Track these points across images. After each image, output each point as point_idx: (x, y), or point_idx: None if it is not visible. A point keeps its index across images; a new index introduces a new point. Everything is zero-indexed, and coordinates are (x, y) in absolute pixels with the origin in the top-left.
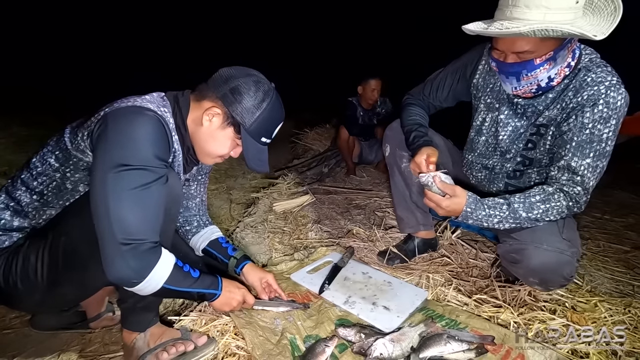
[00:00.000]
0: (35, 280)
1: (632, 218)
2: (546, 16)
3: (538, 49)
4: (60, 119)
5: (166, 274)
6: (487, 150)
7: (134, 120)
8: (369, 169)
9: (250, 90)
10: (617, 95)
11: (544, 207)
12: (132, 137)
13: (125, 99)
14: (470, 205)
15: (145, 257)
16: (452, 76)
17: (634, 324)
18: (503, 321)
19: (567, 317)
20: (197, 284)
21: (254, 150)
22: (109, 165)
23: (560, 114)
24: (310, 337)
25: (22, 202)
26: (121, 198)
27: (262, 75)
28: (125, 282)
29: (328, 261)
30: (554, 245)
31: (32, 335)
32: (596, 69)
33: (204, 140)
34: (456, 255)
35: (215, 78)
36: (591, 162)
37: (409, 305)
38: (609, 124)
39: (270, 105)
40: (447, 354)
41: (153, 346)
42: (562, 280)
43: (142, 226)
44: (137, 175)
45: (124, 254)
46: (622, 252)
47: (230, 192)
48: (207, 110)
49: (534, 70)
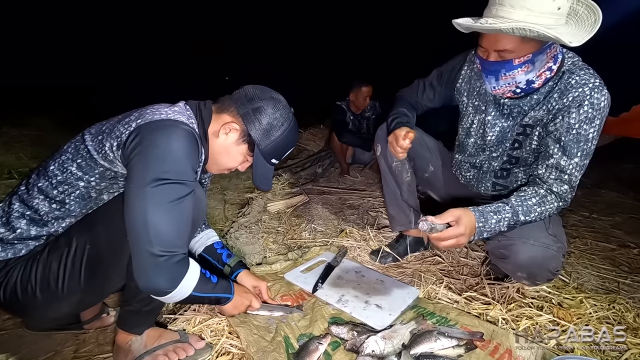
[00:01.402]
0: (56, 289)
1: (618, 217)
2: (527, 17)
3: (518, 50)
4: (53, 119)
5: (194, 283)
6: (475, 151)
7: (172, 135)
8: (362, 169)
9: (271, 113)
10: (600, 96)
11: (540, 209)
12: (170, 151)
13: (155, 110)
14: (480, 218)
15: (178, 268)
16: (437, 80)
17: (618, 319)
18: (492, 318)
19: (554, 313)
20: (216, 289)
21: (263, 170)
22: (149, 179)
23: (546, 115)
24: (304, 335)
25: (41, 211)
26: (159, 211)
27: (284, 100)
28: (158, 292)
29: (321, 260)
30: (540, 241)
31: (26, 336)
32: (579, 72)
33: (218, 152)
34: (447, 254)
35: (240, 94)
36: (579, 161)
37: (400, 303)
38: (594, 123)
39: (288, 131)
40: (437, 350)
41: (151, 347)
42: (549, 274)
43: (176, 238)
44: (175, 189)
45: (159, 265)
46: (609, 250)
47: (224, 193)
48: (225, 124)
49: (512, 70)
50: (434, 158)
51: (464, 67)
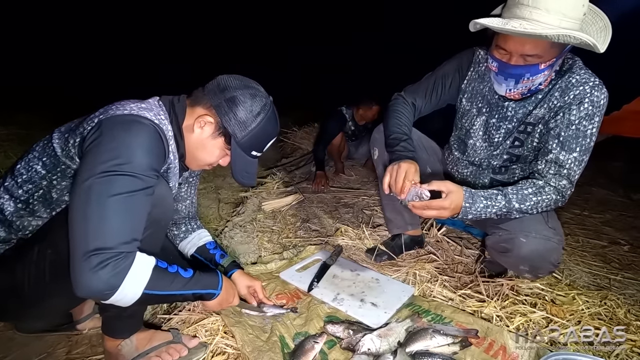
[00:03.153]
0: (24, 294)
1: (609, 214)
2: (562, 22)
3: (545, 54)
4: (42, 117)
5: (144, 280)
6: (475, 152)
7: (130, 128)
8: (357, 167)
9: (246, 102)
10: (600, 94)
11: (536, 199)
12: (126, 144)
13: (121, 105)
14: (468, 199)
15: (116, 266)
16: (441, 81)
17: (609, 315)
18: (486, 315)
19: (547, 310)
20: (190, 285)
21: (242, 163)
22: (96, 170)
23: (547, 112)
24: (300, 334)
25: (6, 211)
26: (101, 203)
27: (261, 88)
28: (97, 296)
29: (317, 259)
30: (541, 233)
31: (16, 338)
32: (579, 71)
33: (195, 148)
34: (442, 252)
35: (212, 85)
36: (577, 156)
37: (396, 301)
38: (593, 120)
39: (265, 120)
40: (432, 348)
41: (143, 350)
42: (551, 266)
43: (118, 235)
44: (124, 181)
45: (91, 265)
46: (600, 247)
47: (218, 192)
48: (199, 118)
49: (537, 74)
50: (432, 159)
51: (471, 68)
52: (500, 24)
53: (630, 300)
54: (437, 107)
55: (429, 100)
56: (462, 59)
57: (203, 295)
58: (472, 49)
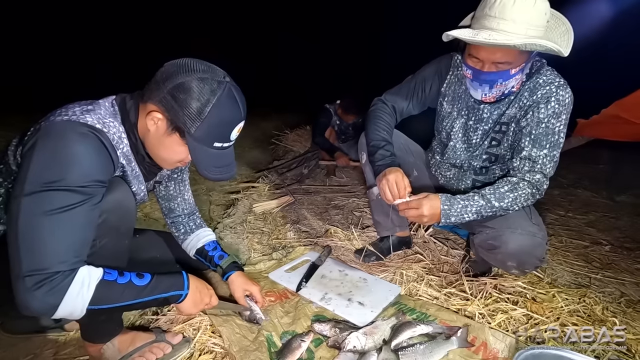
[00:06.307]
0: None
1: (592, 215)
2: (528, 31)
3: (515, 61)
4: (31, 119)
5: (87, 296)
6: (455, 154)
7: (63, 139)
8: (348, 170)
9: (192, 90)
10: (565, 93)
11: (513, 195)
12: (58, 157)
13: (65, 109)
14: (445, 202)
15: (52, 285)
16: (420, 85)
17: (587, 312)
18: (470, 313)
19: (527, 307)
20: (147, 292)
21: (205, 157)
22: (26, 188)
23: (518, 111)
24: (287, 333)
25: None
26: (34, 224)
27: (214, 68)
28: (40, 314)
29: (306, 260)
30: (527, 230)
31: (3, 339)
32: (546, 72)
33: (155, 147)
34: (429, 252)
35: (157, 76)
36: (548, 152)
37: (382, 300)
38: (560, 118)
39: (219, 107)
40: (416, 336)
41: (126, 352)
42: (537, 261)
43: (52, 254)
44: (59, 197)
45: (26, 286)
46: (582, 247)
47: (210, 194)
48: (149, 115)
49: (508, 79)
50: (418, 162)
51: (450, 72)
52: (471, 34)
53: (608, 297)
54: (419, 111)
55: (409, 102)
56: (441, 63)
57: (168, 298)
58: (450, 54)
